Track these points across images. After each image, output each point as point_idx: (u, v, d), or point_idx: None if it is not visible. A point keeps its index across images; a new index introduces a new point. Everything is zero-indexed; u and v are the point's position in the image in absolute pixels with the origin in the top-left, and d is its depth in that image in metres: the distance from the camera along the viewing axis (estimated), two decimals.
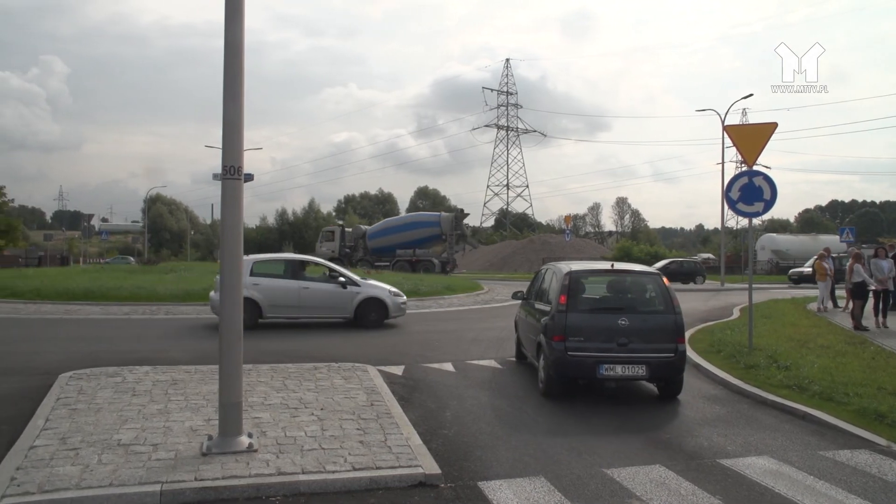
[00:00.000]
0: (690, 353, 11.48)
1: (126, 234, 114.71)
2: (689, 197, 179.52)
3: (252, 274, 14.32)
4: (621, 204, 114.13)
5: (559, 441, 6.62)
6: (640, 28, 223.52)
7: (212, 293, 15.28)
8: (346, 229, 48.88)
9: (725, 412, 8.03)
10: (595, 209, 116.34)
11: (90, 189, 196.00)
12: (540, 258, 60.21)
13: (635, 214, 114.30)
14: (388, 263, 43.43)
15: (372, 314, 15.14)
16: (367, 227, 50.38)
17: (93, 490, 4.83)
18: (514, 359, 11.13)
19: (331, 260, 44.60)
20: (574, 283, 8.62)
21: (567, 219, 56.67)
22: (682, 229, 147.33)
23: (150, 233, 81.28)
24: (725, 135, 33.03)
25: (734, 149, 13.02)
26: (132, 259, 66.80)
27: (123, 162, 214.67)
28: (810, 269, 36.54)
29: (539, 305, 9.48)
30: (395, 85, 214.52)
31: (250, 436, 5.95)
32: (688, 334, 13.71)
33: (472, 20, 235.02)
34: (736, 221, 78.38)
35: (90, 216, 54.15)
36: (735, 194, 11.25)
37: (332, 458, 5.64)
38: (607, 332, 8.19)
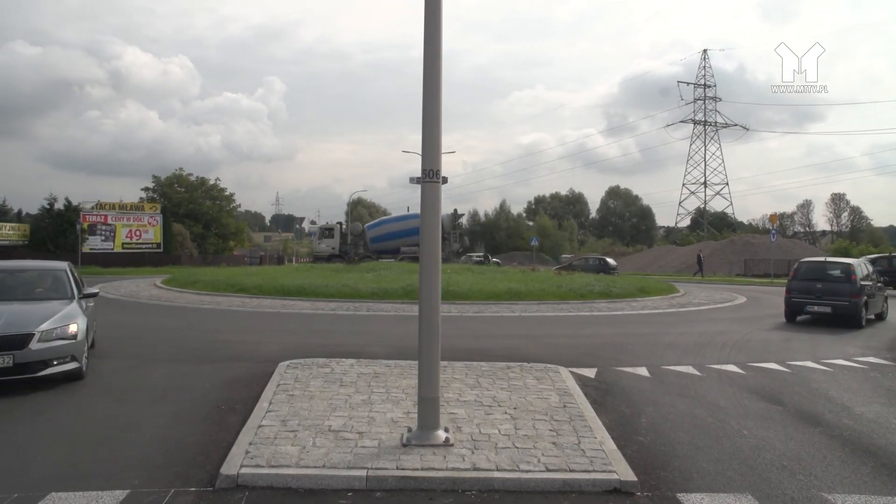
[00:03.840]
0: None
1: None
2: None
3: None
4: (837, 201, 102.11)
5: (767, 456, 6.10)
6: (860, 3, 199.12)
7: None
8: (343, 228, 50.37)
9: None
10: (806, 206, 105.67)
11: (301, 194, 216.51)
12: (742, 260, 56.09)
13: (855, 212, 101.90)
14: (391, 258, 43.88)
15: None
16: (364, 224, 51.63)
17: (309, 469, 5.32)
18: (713, 365, 10.53)
19: (331, 257, 45.89)
20: (799, 265, 17.55)
21: (773, 218, 52.27)
22: None
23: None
24: None
25: None
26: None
27: (329, 169, 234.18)
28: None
29: None
30: (583, 85, 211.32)
31: (446, 430, 6.18)
32: None
33: (661, 14, 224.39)
34: None
35: (301, 219, 60.11)
36: None
37: (525, 457, 5.69)
38: (810, 290, 16.49)
